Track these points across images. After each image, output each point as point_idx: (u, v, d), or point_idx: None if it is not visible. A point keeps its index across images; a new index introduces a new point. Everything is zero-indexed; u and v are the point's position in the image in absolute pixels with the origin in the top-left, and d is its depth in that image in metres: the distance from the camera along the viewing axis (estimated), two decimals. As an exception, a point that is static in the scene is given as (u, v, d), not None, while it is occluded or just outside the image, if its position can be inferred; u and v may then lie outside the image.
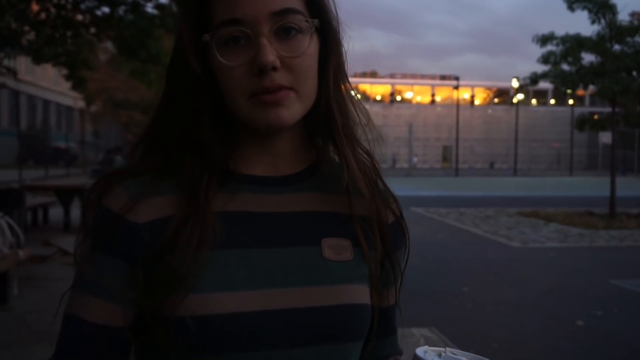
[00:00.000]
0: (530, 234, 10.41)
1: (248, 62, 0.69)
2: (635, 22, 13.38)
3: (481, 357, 0.66)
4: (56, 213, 10.38)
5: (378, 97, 59.89)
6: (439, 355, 0.67)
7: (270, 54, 0.68)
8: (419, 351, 0.66)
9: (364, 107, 0.81)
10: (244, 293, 0.69)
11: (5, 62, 10.12)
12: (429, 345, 2.66)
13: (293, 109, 0.72)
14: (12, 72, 10.34)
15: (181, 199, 0.72)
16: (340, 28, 0.78)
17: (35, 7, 9.95)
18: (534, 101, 60.26)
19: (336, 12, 0.78)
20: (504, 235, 10.12)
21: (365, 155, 0.81)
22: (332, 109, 0.76)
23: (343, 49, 0.79)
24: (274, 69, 0.69)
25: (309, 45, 0.72)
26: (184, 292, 0.67)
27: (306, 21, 0.72)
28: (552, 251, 8.64)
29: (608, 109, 13.73)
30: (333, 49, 0.77)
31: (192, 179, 0.72)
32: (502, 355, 4.06)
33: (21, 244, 4.78)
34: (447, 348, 0.68)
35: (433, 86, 60.43)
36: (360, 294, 0.75)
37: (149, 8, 10.12)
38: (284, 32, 0.70)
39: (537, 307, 5.41)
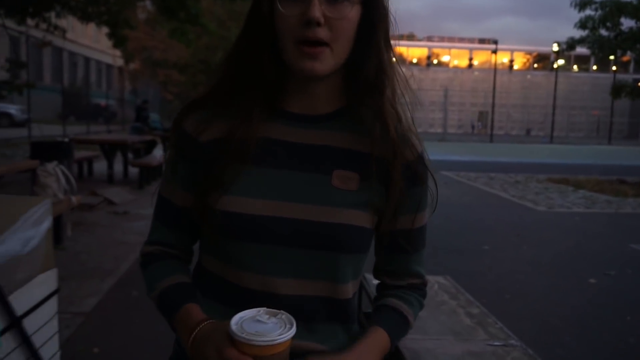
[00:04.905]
0: (557, 199, 10.53)
1: (300, 14, 0.86)
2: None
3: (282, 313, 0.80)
4: (99, 166, 10.93)
5: (414, 60, 59.08)
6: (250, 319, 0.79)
7: (318, 11, 0.85)
8: (233, 322, 0.78)
9: (402, 71, 0.98)
10: (261, 200, 0.91)
11: (53, 20, 10.53)
12: (443, 290, 3.04)
13: (326, 63, 0.88)
14: (62, 31, 10.76)
15: (232, 125, 0.94)
16: (388, 1, 0.94)
17: (79, -33, 10.30)
18: (575, 67, 58.58)
19: None
20: (531, 200, 10.27)
21: (391, 108, 0.96)
22: (384, 70, 0.94)
23: (390, 19, 0.94)
24: (318, 24, 0.85)
25: (351, 12, 0.88)
26: (218, 193, 0.92)
27: None
28: (576, 216, 8.79)
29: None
30: (381, 18, 0.92)
31: (242, 110, 0.94)
32: (512, 305, 4.35)
33: (74, 191, 5.22)
34: (261, 309, 0.81)
35: (471, 50, 59.21)
36: (355, 217, 0.92)
37: (188, -32, 10.33)
38: None
39: (553, 265, 5.66)
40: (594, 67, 57.00)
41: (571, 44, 13.23)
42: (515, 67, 59.67)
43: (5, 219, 1.93)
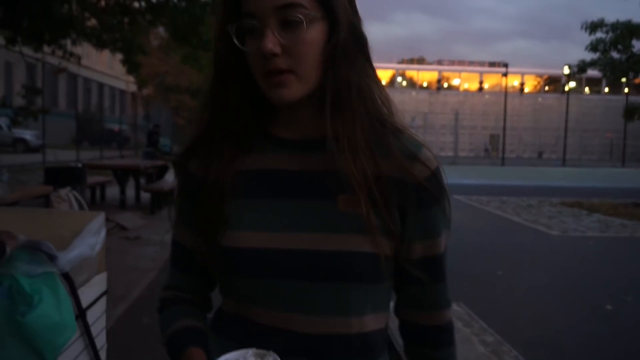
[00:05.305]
0: (571, 223, 10.42)
1: (258, 48, 0.84)
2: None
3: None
4: (112, 191, 11.00)
5: (424, 84, 59.37)
6: None
7: (270, 42, 0.82)
8: None
9: (375, 85, 0.91)
10: (266, 233, 0.88)
11: (69, 48, 10.72)
12: (456, 318, 3.07)
13: (293, 89, 0.85)
14: (77, 58, 10.95)
15: (227, 160, 0.93)
16: (350, 14, 0.88)
17: (95, -5, 10.51)
18: (587, 89, 58.51)
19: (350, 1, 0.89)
20: (544, 224, 10.17)
21: (377, 123, 0.89)
22: (329, 86, 0.87)
23: (344, 34, 0.86)
24: (275, 55, 0.83)
25: (307, 34, 0.84)
26: (223, 230, 0.90)
27: (301, 14, 0.83)
28: (591, 240, 8.68)
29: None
30: (334, 34, 0.86)
31: (235, 144, 0.94)
32: (527, 332, 4.28)
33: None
34: (250, 350, 0.79)
35: (481, 73, 59.45)
36: (364, 243, 0.86)
37: (201, -5, 10.50)
38: (287, 23, 0.83)
39: (568, 291, 5.57)
40: (606, 90, 56.88)
41: (582, 66, 13.24)
42: (526, 90, 59.72)
43: (74, 229, 2.28)
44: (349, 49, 0.87)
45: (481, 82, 58.96)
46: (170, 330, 0.96)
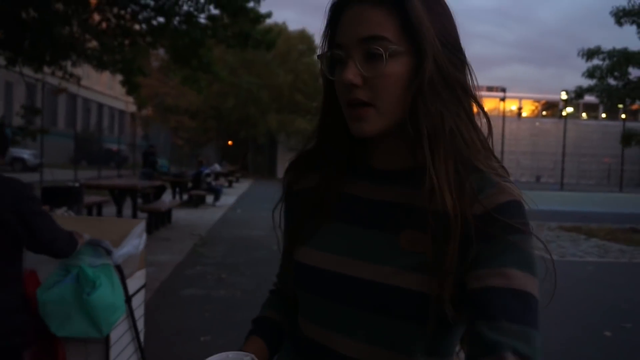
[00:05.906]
0: (569, 248, 10.38)
1: (342, 78, 0.86)
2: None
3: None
4: (109, 211, 10.96)
5: (423, 108, 59.61)
6: None
7: (351, 74, 0.83)
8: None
9: (474, 126, 0.91)
10: (329, 255, 0.92)
11: (69, 69, 10.79)
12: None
13: (373, 123, 0.85)
14: (77, 78, 11.02)
15: (316, 177, 1.00)
16: (438, 51, 0.84)
17: (96, 17, 10.62)
18: (584, 115, 58.85)
19: (444, 37, 0.85)
20: (542, 249, 10.09)
21: (461, 166, 0.85)
22: (414, 122, 0.85)
23: (430, 70, 0.83)
24: (355, 86, 0.84)
25: (388, 68, 0.83)
26: (297, 243, 0.98)
27: (383, 47, 0.82)
28: (589, 265, 8.64)
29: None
30: (420, 69, 0.83)
31: (326, 163, 0.98)
32: (525, 359, 4.23)
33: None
34: (231, 353, 0.86)
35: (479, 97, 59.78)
36: (418, 282, 0.82)
37: (202, 19, 10.63)
38: (371, 56, 0.83)
39: (566, 316, 5.52)
40: (603, 115, 57.21)
41: (579, 92, 13.33)
42: (524, 114, 60.00)
43: (123, 232, 2.83)
44: (436, 86, 0.84)
45: (479, 106, 59.22)
46: (256, 316, 1.10)
